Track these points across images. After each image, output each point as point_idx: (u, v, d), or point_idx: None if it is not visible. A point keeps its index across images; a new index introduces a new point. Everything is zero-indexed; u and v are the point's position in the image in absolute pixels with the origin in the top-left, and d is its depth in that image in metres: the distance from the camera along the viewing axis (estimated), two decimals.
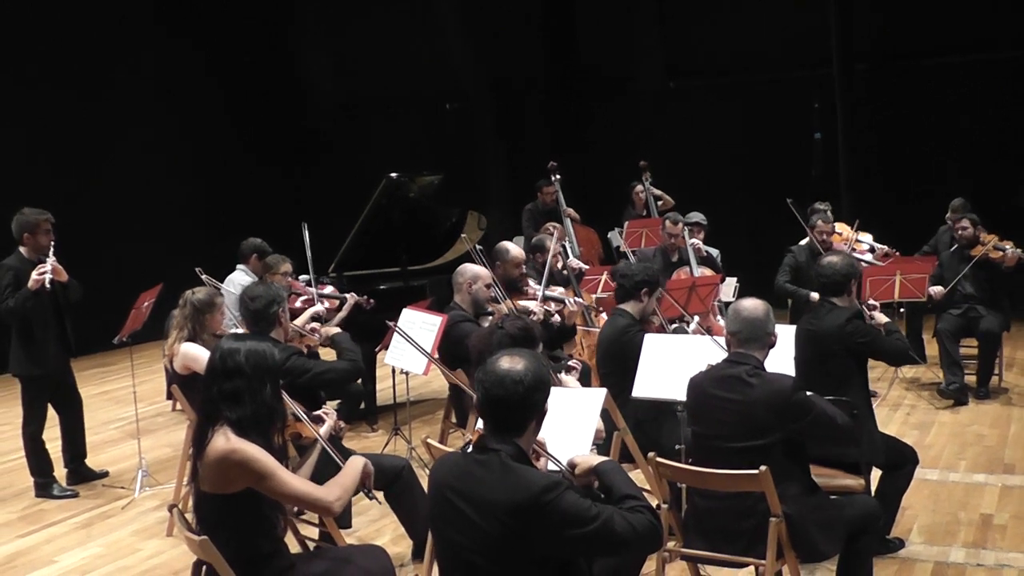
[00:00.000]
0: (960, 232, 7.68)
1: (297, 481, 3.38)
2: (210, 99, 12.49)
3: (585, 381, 5.32)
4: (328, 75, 13.85)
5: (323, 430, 3.90)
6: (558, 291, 6.89)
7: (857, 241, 8.19)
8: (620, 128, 12.12)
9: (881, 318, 5.09)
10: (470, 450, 2.96)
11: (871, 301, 5.21)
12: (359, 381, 7.55)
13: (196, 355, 5.24)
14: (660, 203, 9.76)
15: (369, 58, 13.29)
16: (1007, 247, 7.54)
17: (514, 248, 6.73)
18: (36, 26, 10.72)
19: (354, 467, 3.57)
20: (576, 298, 6.88)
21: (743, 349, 3.93)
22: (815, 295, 7.45)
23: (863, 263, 7.56)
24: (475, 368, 3.76)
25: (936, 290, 7.56)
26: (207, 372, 3.46)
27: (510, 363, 2.89)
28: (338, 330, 5.38)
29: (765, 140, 11.53)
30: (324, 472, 3.71)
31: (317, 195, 12.83)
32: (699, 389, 3.98)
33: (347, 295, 6.90)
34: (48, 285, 5.94)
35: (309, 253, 6.87)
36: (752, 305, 3.98)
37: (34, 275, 5.93)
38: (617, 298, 5.47)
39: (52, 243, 6.12)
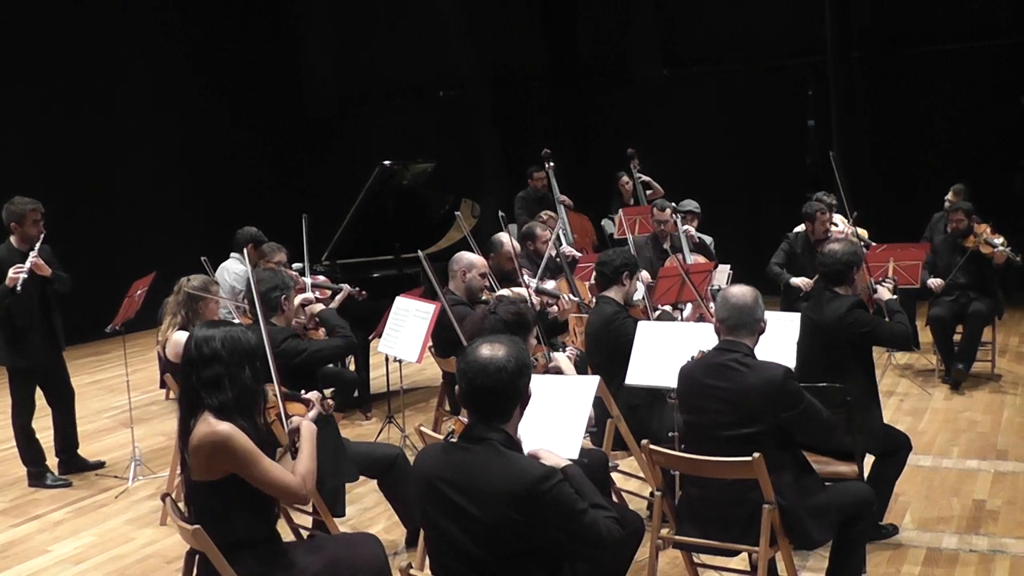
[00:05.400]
0: (956, 225, 7.67)
1: (276, 469, 3.33)
2: (209, 91, 12.43)
3: (580, 369, 5.31)
4: (329, 68, 13.81)
5: (311, 415, 3.90)
6: (551, 285, 6.74)
7: (854, 236, 8.16)
8: (616, 117, 12.11)
9: (885, 294, 5.13)
10: (455, 440, 2.93)
11: (880, 280, 5.28)
12: (352, 368, 7.61)
13: None
14: (649, 192, 9.73)
15: (369, 51, 13.26)
16: (997, 243, 7.52)
17: (508, 241, 6.54)
18: (36, 24, 10.67)
19: (308, 434, 3.56)
20: (570, 295, 6.70)
21: (733, 336, 3.90)
22: (796, 280, 7.56)
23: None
24: None
25: (936, 283, 7.59)
26: (183, 362, 3.40)
27: (491, 350, 2.85)
28: (321, 306, 5.15)
29: (759, 128, 11.51)
30: (323, 460, 3.71)
31: (315, 186, 12.81)
32: (690, 378, 3.96)
33: (341, 285, 6.87)
34: (19, 288, 5.79)
35: (307, 245, 6.87)
36: (740, 292, 3.95)
37: (11, 273, 5.83)
38: (600, 287, 5.48)
39: (42, 234, 6.02)
